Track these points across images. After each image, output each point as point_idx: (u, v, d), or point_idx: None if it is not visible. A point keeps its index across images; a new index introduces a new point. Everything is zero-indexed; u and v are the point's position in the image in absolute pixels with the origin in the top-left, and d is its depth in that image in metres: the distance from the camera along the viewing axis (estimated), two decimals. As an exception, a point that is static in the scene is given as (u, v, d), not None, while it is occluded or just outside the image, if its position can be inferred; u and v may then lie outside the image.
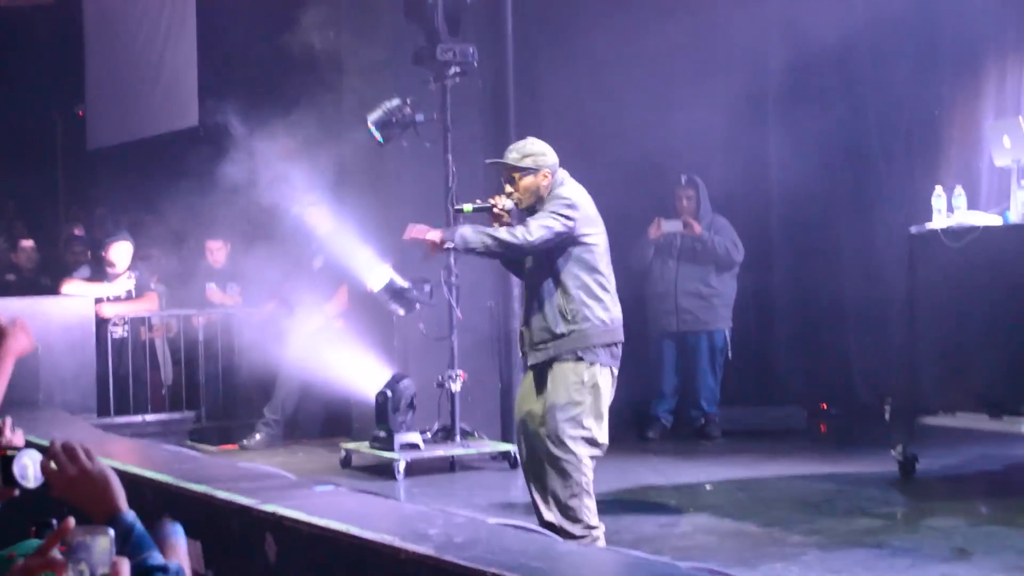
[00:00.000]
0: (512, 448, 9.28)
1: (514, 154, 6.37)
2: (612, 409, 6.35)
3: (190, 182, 12.21)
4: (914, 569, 6.02)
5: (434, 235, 6.34)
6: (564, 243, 6.21)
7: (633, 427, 10.40)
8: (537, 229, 6.14)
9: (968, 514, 7.21)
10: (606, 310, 6.27)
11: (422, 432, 9.23)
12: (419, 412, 9.35)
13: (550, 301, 6.24)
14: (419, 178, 9.94)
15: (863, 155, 11.15)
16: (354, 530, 5.11)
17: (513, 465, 9.12)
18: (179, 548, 3.14)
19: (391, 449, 9.00)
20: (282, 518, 5.53)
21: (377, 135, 9.46)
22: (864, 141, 11.13)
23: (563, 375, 6.19)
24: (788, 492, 8.02)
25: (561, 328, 6.19)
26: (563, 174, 6.42)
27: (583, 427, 6.16)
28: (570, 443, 6.13)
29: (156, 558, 2.86)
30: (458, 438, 9.28)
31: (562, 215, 6.18)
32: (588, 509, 6.16)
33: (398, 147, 9.74)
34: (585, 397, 6.16)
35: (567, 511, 6.15)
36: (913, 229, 8.38)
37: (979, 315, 7.86)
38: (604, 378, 6.23)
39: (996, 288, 7.78)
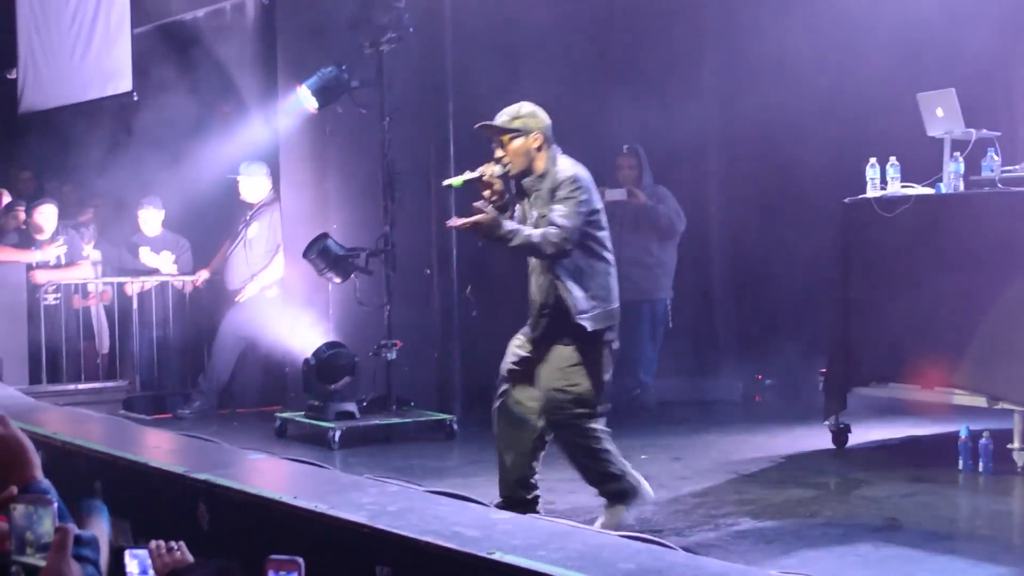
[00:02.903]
0: (448, 417, 9.28)
1: (503, 117, 6.23)
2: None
3: (124, 148, 12.09)
4: (846, 539, 6.06)
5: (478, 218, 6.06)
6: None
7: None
8: (561, 236, 6.03)
9: (899, 484, 7.28)
10: (608, 289, 6.28)
11: (358, 401, 9.19)
12: (355, 381, 9.31)
13: (565, 281, 6.18)
14: (354, 144, 9.87)
15: (799, 126, 11.18)
16: (287, 498, 5.09)
17: (449, 434, 9.12)
18: (100, 529, 3.11)
19: (326, 419, 8.96)
20: (214, 486, 5.51)
21: (312, 101, 9.40)
22: (800, 111, 11.16)
23: (561, 347, 6.19)
24: (722, 462, 8.06)
25: (573, 307, 6.15)
26: (556, 150, 6.29)
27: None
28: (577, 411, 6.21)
29: (72, 528, 2.84)
30: (394, 407, 9.26)
31: (580, 211, 6.10)
32: (608, 462, 6.29)
33: (333, 113, 9.68)
34: (577, 367, 6.18)
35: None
36: (847, 200, 8.42)
37: (911, 286, 7.92)
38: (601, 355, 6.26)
39: (928, 258, 7.85)
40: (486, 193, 6.23)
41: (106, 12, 12.55)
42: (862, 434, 8.49)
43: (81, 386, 10.66)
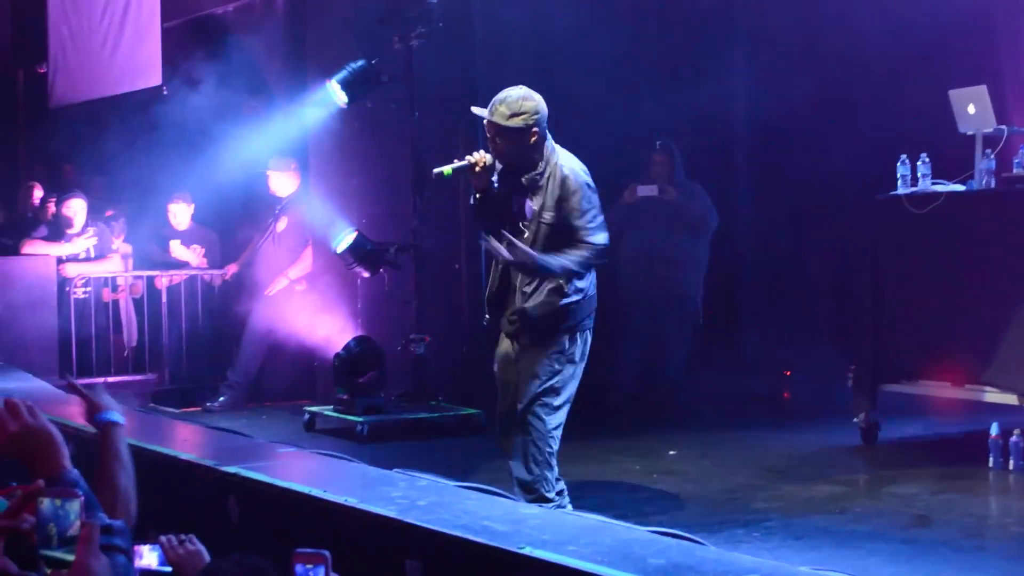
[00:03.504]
0: (476, 411, 9.28)
1: (503, 108, 6.00)
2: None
3: (153, 142, 12.13)
4: (875, 535, 6.05)
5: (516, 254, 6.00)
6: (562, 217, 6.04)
7: (598, 391, 10.37)
8: (596, 252, 6.04)
9: (929, 481, 7.25)
10: (590, 281, 6.18)
11: (386, 396, 9.21)
12: (383, 375, 9.32)
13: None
14: (384, 139, 9.88)
15: (828, 122, 11.15)
16: (317, 492, 5.10)
17: (477, 429, 9.12)
18: None
19: (355, 412, 8.97)
20: (245, 480, 5.52)
21: (342, 95, 9.40)
22: (830, 107, 11.13)
23: (544, 344, 6.08)
24: (751, 458, 8.04)
25: (552, 298, 6.04)
26: (550, 142, 6.14)
27: (558, 395, 6.07)
28: (541, 411, 6.04)
29: (100, 518, 2.85)
30: (422, 401, 9.26)
31: (598, 214, 6.09)
32: (546, 481, 6.04)
33: (362, 107, 9.68)
34: (565, 366, 6.07)
35: (524, 479, 6.07)
36: (878, 197, 8.39)
37: (942, 283, 7.89)
38: (582, 346, 6.14)
39: (959, 255, 7.82)
40: (475, 183, 6.16)
41: (136, 6, 12.59)
42: (892, 431, 8.45)
43: (110, 379, 10.69)
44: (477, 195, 6.21)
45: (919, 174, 8.11)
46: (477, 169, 6.11)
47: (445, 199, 9.92)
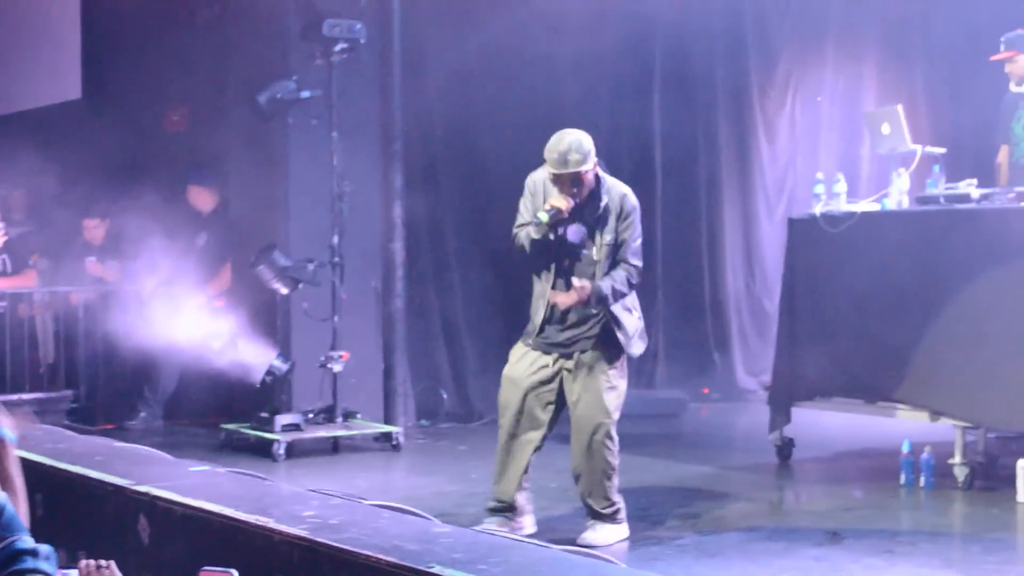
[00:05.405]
0: (394, 429, 9.26)
1: (575, 155, 6.31)
2: (491, 393, 6.37)
3: (72, 156, 12.02)
4: (788, 552, 6.10)
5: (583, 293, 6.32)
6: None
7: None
8: (638, 274, 6.44)
9: (841, 498, 7.34)
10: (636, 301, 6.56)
11: (304, 413, 9.17)
12: (301, 393, 9.30)
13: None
14: (304, 155, 9.84)
15: (746, 140, 11.26)
16: (228, 511, 5.07)
17: (395, 447, 9.10)
18: None
19: (272, 430, 8.92)
20: (156, 499, 5.47)
21: (263, 111, 9.36)
22: (747, 126, 11.24)
23: (604, 363, 6.40)
24: (666, 476, 8.08)
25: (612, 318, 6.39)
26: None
27: (617, 412, 6.53)
28: (614, 435, 6.53)
29: (25, 541, 2.80)
30: (340, 419, 9.24)
31: (640, 237, 6.48)
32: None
33: (283, 124, 9.65)
34: (620, 383, 6.46)
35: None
36: (793, 216, 8.48)
37: (855, 301, 7.98)
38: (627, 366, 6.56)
39: (873, 274, 7.91)
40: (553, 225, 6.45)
41: (57, 19, 12.49)
42: (806, 448, 8.53)
43: (25, 396, 10.56)
44: (550, 236, 6.46)
45: (834, 193, 8.20)
46: (565, 215, 6.38)
47: (365, 216, 9.90)
